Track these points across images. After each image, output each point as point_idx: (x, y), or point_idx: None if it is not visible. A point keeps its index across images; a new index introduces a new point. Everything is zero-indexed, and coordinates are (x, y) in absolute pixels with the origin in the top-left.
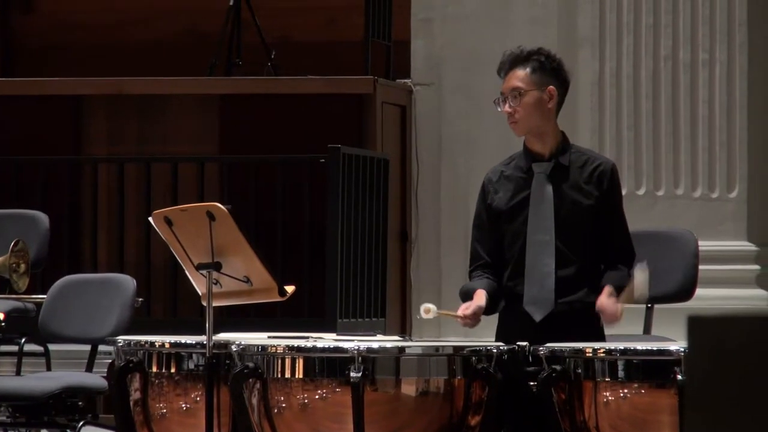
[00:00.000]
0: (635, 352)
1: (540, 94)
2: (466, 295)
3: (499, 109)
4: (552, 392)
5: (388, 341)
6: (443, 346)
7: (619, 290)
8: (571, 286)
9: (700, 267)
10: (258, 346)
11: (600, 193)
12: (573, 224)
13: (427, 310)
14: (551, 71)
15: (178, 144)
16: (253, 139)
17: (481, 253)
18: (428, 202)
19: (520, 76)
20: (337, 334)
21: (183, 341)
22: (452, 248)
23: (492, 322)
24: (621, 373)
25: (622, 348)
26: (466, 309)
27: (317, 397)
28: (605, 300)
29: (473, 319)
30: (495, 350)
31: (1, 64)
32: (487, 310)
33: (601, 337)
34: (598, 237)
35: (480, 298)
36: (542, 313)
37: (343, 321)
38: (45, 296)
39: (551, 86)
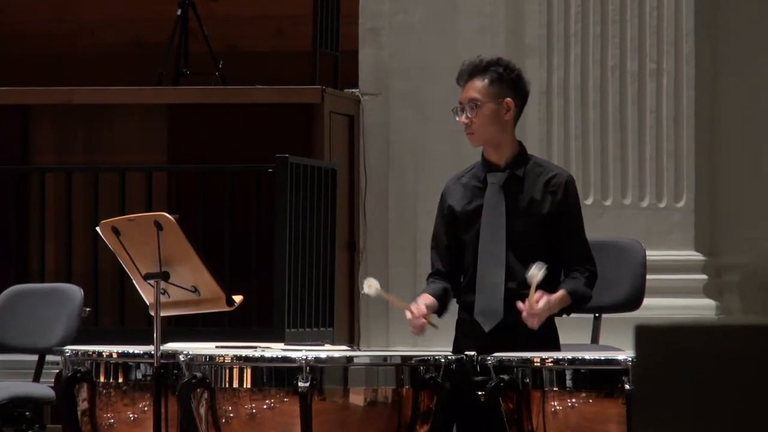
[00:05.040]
0: (583, 361)
1: (496, 106)
2: None
3: (457, 119)
4: (500, 402)
5: (336, 351)
6: (391, 356)
7: (572, 295)
8: (523, 298)
9: (648, 276)
10: (206, 355)
11: (553, 205)
12: (524, 235)
13: (370, 285)
14: (509, 83)
15: (125, 154)
16: (200, 148)
17: (434, 262)
18: (376, 212)
19: (478, 87)
20: (285, 344)
21: (131, 351)
22: (400, 258)
23: (444, 331)
24: (569, 383)
25: (570, 357)
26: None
27: (265, 407)
28: (539, 304)
29: (418, 319)
30: (443, 360)
31: None
32: (437, 312)
33: (555, 347)
34: (551, 249)
35: (422, 301)
36: (491, 323)
37: (291, 331)
38: None
39: (508, 98)
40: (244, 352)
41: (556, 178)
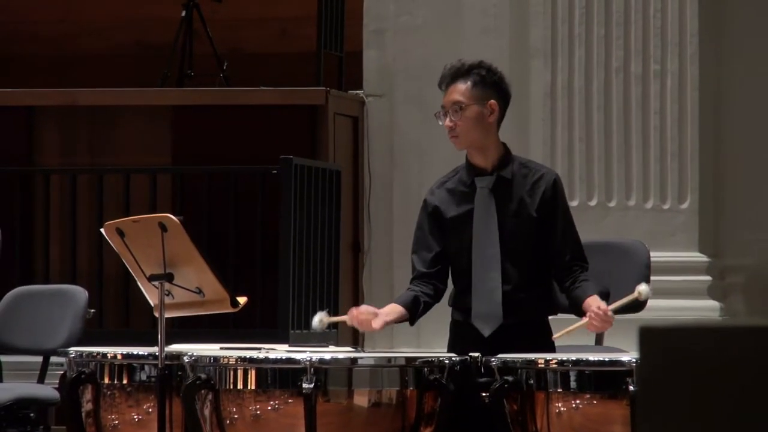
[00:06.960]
0: (587, 363)
1: (481, 108)
2: None
3: (440, 123)
4: (504, 403)
5: (341, 352)
6: (395, 357)
7: (601, 296)
8: (519, 300)
9: (652, 278)
10: (210, 357)
11: (542, 205)
12: (517, 237)
13: (321, 320)
14: (492, 85)
15: (130, 155)
16: (205, 150)
17: (416, 265)
18: (381, 213)
19: (461, 90)
20: (290, 345)
21: (135, 352)
22: (404, 259)
23: (444, 333)
24: (573, 384)
25: (574, 359)
26: (358, 314)
27: (270, 408)
28: (600, 305)
29: (361, 320)
30: (447, 361)
31: None
32: (410, 319)
33: (552, 349)
34: (544, 248)
35: (385, 308)
36: (491, 328)
37: (296, 332)
38: None
39: (492, 100)
40: (248, 354)
41: (543, 177)
